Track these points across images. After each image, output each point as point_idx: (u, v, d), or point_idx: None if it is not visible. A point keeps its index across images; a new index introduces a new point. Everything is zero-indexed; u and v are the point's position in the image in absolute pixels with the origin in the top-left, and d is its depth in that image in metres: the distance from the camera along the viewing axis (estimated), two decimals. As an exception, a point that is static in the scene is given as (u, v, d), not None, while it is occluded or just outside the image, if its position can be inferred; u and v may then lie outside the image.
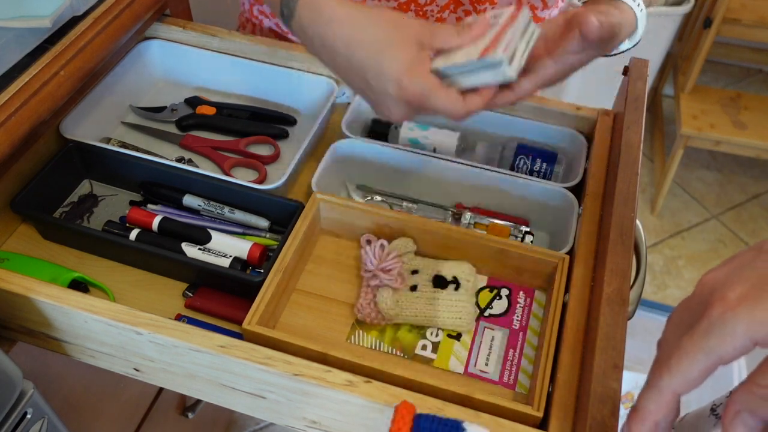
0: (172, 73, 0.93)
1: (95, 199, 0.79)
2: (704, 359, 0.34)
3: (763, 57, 2.31)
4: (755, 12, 1.90)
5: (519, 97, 0.59)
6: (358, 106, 0.84)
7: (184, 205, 0.76)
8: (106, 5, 0.80)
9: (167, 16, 0.92)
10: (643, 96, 0.76)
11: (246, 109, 0.89)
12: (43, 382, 0.73)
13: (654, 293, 1.93)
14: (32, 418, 0.60)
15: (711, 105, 2.03)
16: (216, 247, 0.71)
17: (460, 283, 0.68)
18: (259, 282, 0.64)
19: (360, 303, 0.68)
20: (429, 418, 0.47)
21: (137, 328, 0.59)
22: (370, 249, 0.70)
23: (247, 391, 0.61)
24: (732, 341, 0.33)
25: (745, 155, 2.05)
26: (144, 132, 0.87)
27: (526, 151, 0.80)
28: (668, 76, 2.31)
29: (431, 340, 0.67)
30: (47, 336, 0.67)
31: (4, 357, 0.56)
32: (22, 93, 0.69)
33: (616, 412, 0.49)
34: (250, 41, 0.88)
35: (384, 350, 0.67)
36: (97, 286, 0.71)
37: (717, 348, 0.34)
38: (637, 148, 0.70)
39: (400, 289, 0.68)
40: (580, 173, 0.76)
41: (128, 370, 0.67)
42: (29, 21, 0.73)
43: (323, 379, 0.56)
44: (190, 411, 1.15)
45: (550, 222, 0.77)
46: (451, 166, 0.77)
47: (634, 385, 1.64)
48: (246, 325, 0.61)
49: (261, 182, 0.81)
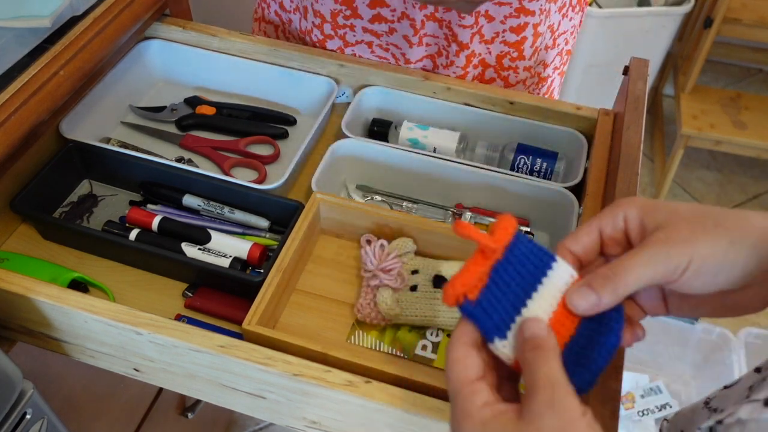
0: (172, 73, 0.93)
1: (95, 199, 0.79)
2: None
3: (763, 57, 2.31)
4: (756, 12, 1.90)
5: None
6: (358, 106, 0.84)
7: (183, 205, 0.76)
8: (105, 5, 0.80)
9: (167, 16, 0.92)
10: (643, 96, 0.76)
11: (246, 109, 0.89)
12: (43, 382, 0.73)
13: (654, 293, 1.92)
14: (32, 419, 0.60)
15: (711, 105, 2.03)
16: (216, 247, 0.71)
17: (460, 283, 0.68)
18: (259, 282, 0.64)
19: (360, 303, 0.68)
20: (526, 239, 0.45)
21: (137, 328, 0.59)
22: (370, 249, 0.70)
23: (247, 391, 0.61)
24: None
25: (745, 155, 2.05)
26: (144, 132, 0.87)
27: (526, 151, 0.80)
28: (668, 76, 2.31)
29: (431, 340, 0.67)
30: (47, 336, 0.67)
31: (4, 357, 0.56)
32: (21, 93, 0.69)
33: (616, 412, 0.49)
34: (250, 41, 0.88)
35: (384, 350, 0.67)
36: (97, 286, 0.71)
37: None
38: (637, 148, 0.70)
39: (400, 289, 0.68)
40: (580, 173, 0.76)
41: (128, 370, 0.67)
42: (29, 21, 0.73)
43: (323, 379, 0.56)
44: (190, 411, 1.15)
45: (550, 222, 0.77)
46: (451, 166, 0.77)
47: (635, 385, 1.64)
48: (246, 325, 0.61)
49: (261, 182, 0.81)
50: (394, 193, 0.81)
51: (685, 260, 0.42)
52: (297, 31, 0.95)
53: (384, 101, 0.87)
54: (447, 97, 0.85)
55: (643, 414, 1.59)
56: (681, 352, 1.65)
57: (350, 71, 0.86)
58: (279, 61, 0.88)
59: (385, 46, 0.87)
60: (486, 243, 0.43)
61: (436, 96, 0.85)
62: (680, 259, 0.42)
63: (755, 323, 1.84)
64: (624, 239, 0.46)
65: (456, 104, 0.84)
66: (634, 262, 0.43)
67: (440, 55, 0.87)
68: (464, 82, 0.85)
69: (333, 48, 0.90)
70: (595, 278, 0.44)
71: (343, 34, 0.88)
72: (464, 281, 0.43)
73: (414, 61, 0.88)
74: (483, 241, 0.43)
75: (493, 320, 0.43)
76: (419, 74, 0.85)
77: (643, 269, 0.43)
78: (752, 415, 0.41)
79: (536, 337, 0.41)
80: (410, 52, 0.87)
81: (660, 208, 0.45)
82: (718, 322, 1.79)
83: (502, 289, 0.44)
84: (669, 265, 0.42)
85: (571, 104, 0.82)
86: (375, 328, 0.68)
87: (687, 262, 0.42)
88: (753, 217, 0.44)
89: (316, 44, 0.91)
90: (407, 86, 0.85)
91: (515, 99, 0.82)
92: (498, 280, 0.44)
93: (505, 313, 0.43)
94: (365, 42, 0.88)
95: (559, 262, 0.46)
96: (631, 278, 0.43)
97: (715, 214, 0.44)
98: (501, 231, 0.44)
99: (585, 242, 0.47)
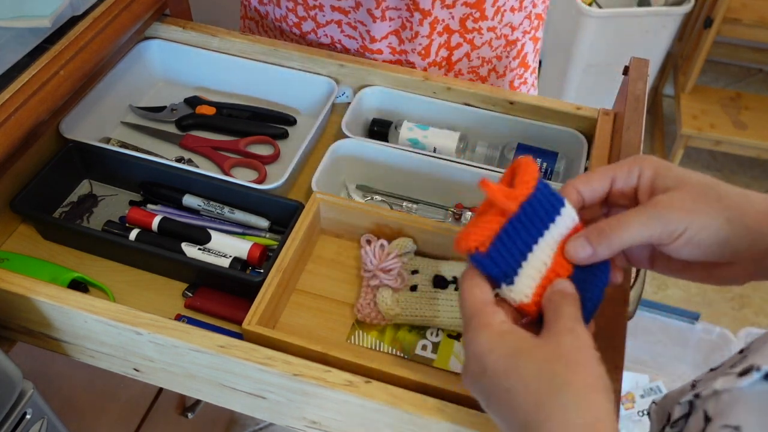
0: (172, 73, 0.93)
1: (95, 199, 0.79)
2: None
3: (763, 57, 2.31)
4: (756, 12, 1.90)
5: None
6: (358, 106, 0.84)
7: (183, 205, 0.76)
8: (105, 5, 0.80)
9: (167, 16, 0.92)
10: (643, 96, 0.76)
11: (246, 109, 0.89)
12: (43, 382, 0.73)
13: (654, 293, 1.93)
14: (32, 419, 0.60)
15: (711, 105, 2.03)
16: (216, 247, 0.71)
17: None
18: (259, 282, 0.64)
19: (360, 303, 0.68)
20: (544, 186, 0.47)
21: (137, 328, 0.59)
22: (370, 249, 0.70)
23: (247, 391, 0.61)
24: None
25: (745, 155, 2.05)
26: (144, 132, 0.87)
27: (526, 150, 0.80)
28: (668, 76, 2.31)
29: (431, 340, 0.67)
30: (47, 336, 0.67)
31: (4, 357, 0.57)
32: (21, 93, 0.69)
33: (616, 412, 0.49)
34: (250, 41, 0.88)
35: (384, 350, 0.67)
36: (97, 286, 0.71)
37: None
38: (637, 148, 0.70)
39: (400, 289, 0.68)
40: (581, 173, 0.76)
41: (128, 370, 0.67)
42: (29, 21, 0.73)
43: (323, 379, 0.56)
44: (190, 411, 1.15)
45: (550, 222, 0.77)
46: (451, 166, 0.77)
47: (634, 385, 1.64)
48: (246, 325, 0.61)
49: (261, 182, 0.81)
50: (394, 193, 0.81)
51: (681, 227, 0.45)
52: (273, 22, 0.96)
53: (384, 101, 0.87)
54: (447, 97, 0.85)
55: (643, 414, 1.59)
56: (681, 352, 1.65)
57: (350, 71, 0.86)
58: (279, 61, 0.88)
59: (353, 23, 0.88)
60: (505, 206, 0.45)
61: (436, 96, 0.85)
62: (677, 225, 0.45)
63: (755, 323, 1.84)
64: (633, 194, 0.49)
65: (456, 104, 0.84)
66: (633, 221, 0.46)
67: (404, 29, 0.87)
68: (464, 82, 0.85)
69: (307, 30, 0.91)
70: (593, 232, 0.47)
71: (314, 15, 0.89)
72: (477, 237, 0.44)
73: (379, 38, 0.88)
74: (503, 205, 0.45)
75: (501, 268, 0.45)
76: (419, 74, 0.85)
77: (639, 228, 0.46)
78: (726, 386, 0.42)
79: (565, 288, 0.45)
80: (374, 28, 0.87)
81: (672, 172, 0.47)
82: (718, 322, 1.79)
83: (513, 239, 0.46)
84: (665, 229, 0.45)
85: (571, 104, 0.82)
86: (375, 328, 0.68)
87: (682, 230, 0.45)
88: (755, 199, 0.46)
89: (292, 29, 0.93)
90: (407, 86, 0.85)
91: (515, 99, 0.82)
92: (510, 232, 0.46)
93: (513, 260, 0.45)
94: (335, 21, 0.89)
95: (567, 208, 0.48)
96: (627, 235, 0.46)
97: (721, 189, 0.46)
98: (523, 185, 0.46)
99: (596, 187, 0.49)
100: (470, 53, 0.91)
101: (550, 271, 0.47)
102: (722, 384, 0.42)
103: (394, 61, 0.91)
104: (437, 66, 0.91)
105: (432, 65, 0.91)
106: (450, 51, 0.90)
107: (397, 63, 0.91)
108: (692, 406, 0.45)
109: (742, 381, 0.41)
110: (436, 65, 0.91)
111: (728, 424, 0.40)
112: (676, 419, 0.47)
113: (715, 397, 0.43)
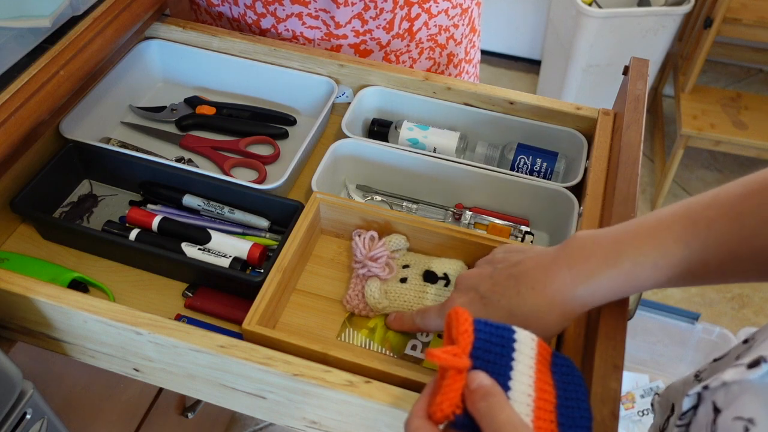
0: (172, 73, 0.93)
1: (95, 199, 0.79)
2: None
3: (763, 57, 2.31)
4: (756, 12, 1.90)
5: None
6: (358, 106, 0.84)
7: (183, 205, 0.76)
8: (105, 5, 0.80)
9: (167, 16, 0.92)
10: (643, 96, 0.76)
11: (246, 109, 0.89)
12: (43, 382, 0.73)
13: (654, 293, 1.93)
14: (32, 418, 0.60)
15: (711, 105, 2.03)
16: (216, 247, 0.71)
17: (450, 280, 0.68)
18: (259, 282, 0.64)
19: (348, 294, 0.68)
20: (482, 321, 0.46)
21: (137, 328, 0.59)
22: (360, 240, 0.70)
23: (247, 391, 0.61)
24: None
25: (745, 155, 2.05)
26: (144, 132, 0.87)
27: (526, 151, 0.80)
28: (668, 76, 2.31)
29: (421, 340, 0.67)
30: (47, 336, 0.67)
31: (4, 357, 0.56)
32: (21, 93, 0.69)
33: (616, 412, 0.49)
34: (250, 41, 0.88)
35: (374, 349, 0.66)
36: (97, 286, 0.71)
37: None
38: (637, 148, 0.70)
39: (388, 279, 0.68)
40: (580, 173, 0.76)
41: (128, 370, 0.67)
42: (29, 21, 0.73)
43: (323, 379, 0.56)
44: (190, 411, 1.15)
45: (550, 222, 0.77)
46: (451, 166, 0.77)
47: (634, 385, 1.64)
48: (246, 325, 0.61)
49: (261, 182, 0.81)
50: (394, 193, 0.81)
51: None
52: (229, 21, 0.96)
53: (384, 101, 0.87)
54: (447, 97, 0.85)
55: (643, 414, 1.59)
56: (681, 352, 1.65)
57: (350, 71, 0.86)
58: (279, 61, 0.88)
59: (314, 13, 0.89)
60: (458, 365, 0.43)
61: (436, 96, 0.85)
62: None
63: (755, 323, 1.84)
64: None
65: (456, 104, 0.84)
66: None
67: (367, 9, 0.88)
68: (464, 82, 0.85)
69: (267, 26, 0.92)
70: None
71: (274, 10, 0.90)
72: (449, 402, 0.43)
73: (344, 23, 0.89)
74: (455, 365, 0.43)
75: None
76: (419, 74, 0.85)
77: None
78: (735, 377, 0.42)
79: (483, 386, 0.42)
80: (339, 14, 0.88)
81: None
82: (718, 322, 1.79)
83: None
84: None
85: (571, 104, 0.82)
86: (365, 326, 0.68)
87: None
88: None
89: (251, 26, 0.93)
90: (407, 86, 0.85)
91: (515, 99, 0.82)
92: None
93: None
94: (295, 14, 0.89)
95: (519, 332, 0.47)
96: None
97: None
98: (461, 336, 0.45)
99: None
100: (428, 22, 0.93)
101: (538, 399, 0.46)
102: (731, 376, 0.42)
103: (359, 42, 0.92)
104: (400, 38, 0.93)
105: (396, 37, 0.92)
106: (411, 22, 0.92)
107: (361, 43, 0.92)
108: (700, 398, 0.46)
109: (751, 373, 0.41)
110: (399, 37, 0.93)
111: (741, 416, 0.40)
112: (684, 411, 0.47)
113: (725, 388, 0.43)
